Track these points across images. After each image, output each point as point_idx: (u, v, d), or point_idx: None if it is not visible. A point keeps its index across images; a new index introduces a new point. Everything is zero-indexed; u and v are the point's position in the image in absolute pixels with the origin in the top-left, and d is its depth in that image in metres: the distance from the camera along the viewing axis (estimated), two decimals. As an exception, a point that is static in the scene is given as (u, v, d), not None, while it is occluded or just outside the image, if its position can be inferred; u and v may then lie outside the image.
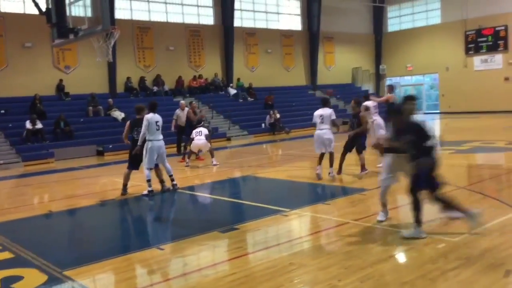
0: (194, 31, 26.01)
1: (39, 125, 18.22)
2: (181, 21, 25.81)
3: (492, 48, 29.17)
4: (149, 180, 9.38)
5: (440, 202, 5.64)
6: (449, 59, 30.97)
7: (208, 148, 13.39)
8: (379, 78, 35.05)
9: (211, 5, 26.86)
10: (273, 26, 29.81)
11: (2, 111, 19.14)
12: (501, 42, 28.81)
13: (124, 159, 10.32)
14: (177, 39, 25.25)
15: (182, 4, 25.89)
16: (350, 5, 32.21)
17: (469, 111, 29.12)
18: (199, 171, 12.99)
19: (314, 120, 9.92)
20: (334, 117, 9.83)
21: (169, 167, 9.74)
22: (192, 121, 14.38)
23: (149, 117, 9.28)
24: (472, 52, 30.08)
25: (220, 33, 26.85)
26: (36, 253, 5.95)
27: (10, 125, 18.52)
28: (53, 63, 21.45)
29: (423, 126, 5.65)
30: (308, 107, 25.68)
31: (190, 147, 13.56)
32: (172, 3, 25.54)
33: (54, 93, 21.41)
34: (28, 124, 18.01)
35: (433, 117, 29.95)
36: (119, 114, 20.80)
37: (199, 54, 26.27)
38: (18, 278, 5.11)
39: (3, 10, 20.26)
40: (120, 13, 23.15)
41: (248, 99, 26.50)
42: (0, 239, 6.76)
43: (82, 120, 20.41)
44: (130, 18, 23.88)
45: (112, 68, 22.41)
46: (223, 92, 26.46)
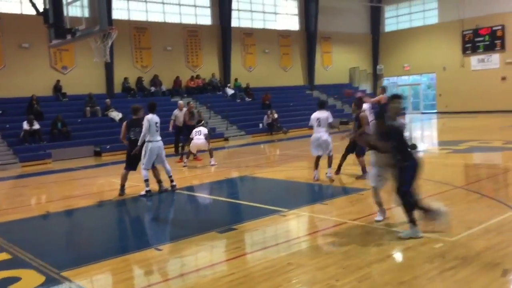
0: (192, 31, 26.00)
1: (36, 125, 18.17)
2: (178, 21, 25.80)
3: (489, 48, 29.24)
4: (146, 180, 9.40)
5: (403, 200, 5.71)
6: (446, 59, 31.02)
7: (207, 147, 13.40)
8: (376, 78, 35.11)
9: (208, 5, 26.85)
10: (270, 26, 29.82)
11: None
12: (498, 42, 28.88)
13: (122, 159, 10.31)
14: (174, 39, 25.24)
15: (179, 4, 25.88)
16: (347, 5, 32.25)
17: (466, 110, 29.18)
18: (197, 171, 12.99)
19: (311, 123, 9.82)
20: (331, 120, 9.81)
21: (168, 168, 9.76)
22: (188, 124, 14.37)
23: (149, 117, 9.30)
24: (469, 51, 30.14)
25: (218, 33, 26.84)
26: (33, 254, 5.94)
27: (8, 125, 18.47)
28: (50, 64, 21.41)
29: (402, 130, 5.78)
30: (305, 107, 25.78)
31: (189, 147, 13.56)
32: (170, 3, 25.52)
33: (51, 93, 21.36)
34: (25, 125, 17.96)
35: (430, 117, 30.05)
36: (116, 115, 20.76)
37: (197, 54, 26.26)
38: (16, 279, 5.11)
39: (0, 11, 20.22)
40: (118, 13, 23.12)
41: (246, 99, 26.50)
42: (-2, 240, 6.75)
43: (79, 120, 20.37)
44: (127, 18, 23.86)
45: (109, 68, 22.39)
46: (221, 92, 26.46)
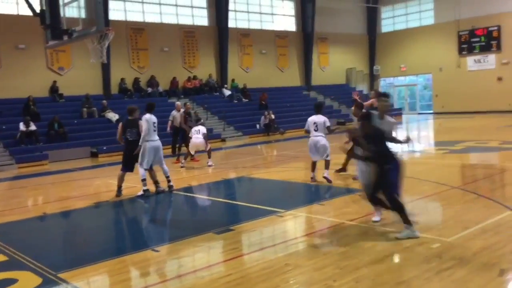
0: (189, 32, 25.98)
1: (32, 126, 18.12)
2: (175, 22, 25.78)
3: (485, 49, 29.34)
4: (144, 180, 9.42)
5: (393, 203, 5.75)
6: (442, 60, 31.11)
7: (206, 147, 13.38)
8: (373, 78, 35.17)
9: (205, 6, 26.83)
10: (267, 27, 29.84)
11: (-4, 113, 19.07)
12: (494, 43, 28.99)
13: (119, 160, 10.29)
14: (171, 40, 25.21)
15: (176, 5, 25.86)
16: (344, 6, 32.29)
17: (462, 111, 29.27)
18: (194, 172, 12.98)
19: (308, 127, 9.67)
20: (328, 124, 9.79)
21: (166, 169, 9.79)
22: (184, 128, 14.38)
23: (147, 117, 9.39)
24: (465, 52, 30.24)
25: (215, 34, 26.84)
26: (30, 255, 5.92)
27: (4, 127, 18.40)
28: (46, 65, 21.36)
29: (385, 133, 5.86)
30: (302, 108, 25.81)
31: (188, 146, 13.55)
32: (166, 4, 25.49)
33: (48, 94, 21.32)
34: (21, 126, 17.90)
35: (426, 117, 30.12)
36: (113, 116, 20.73)
37: (194, 55, 26.24)
38: (13, 281, 5.09)
39: (-4, 12, 20.19)
40: (114, 14, 23.09)
41: (243, 100, 26.50)
42: (-6, 241, 6.72)
43: (76, 121, 20.33)
44: (124, 19, 23.82)
45: (106, 69, 22.35)
46: (218, 93, 26.44)
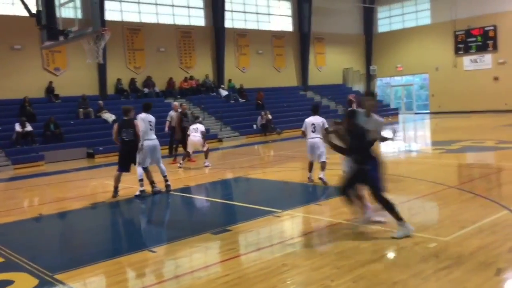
0: (185, 32, 25.95)
1: (28, 127, 18.05)
2: (171, 22, 25.75)
3: (481, 48, 29.43)
4: (141, 180, 9.41)
5: (382, 203, 5.76)
6: (439, 59, 31.18)
7: (203, 147, 13.34)
8: (369, 78, 35.22)
9: (201, 6, 26.81)
10: (264, 27, 29.84)
11: (-8, 114, 18.99)
12: (490, 42, 29.07)
13: (115, 161, 10.26)
14: (167, 40, 25.18)
15: (172, 5, 25.83)
16: (340, 6, 32.32)
17: (459, 110, 29.35)
18: (191, 172, 12.96)
19: (305, 128, 9.59)
20: (326, 125, 9.79)
21: (163, 168, 9.81)
22: (177, 129, 14.38)
23: (142, 116, 9.50)
24: (461, 52, 30.32)
25: (211, 34, 26.81)
26: (26, 257, 5.90)
27: (0, 128, 18.36)
28: (42, 65, 21.29)
29: (367, 131, 5.89)
30: (299, 108, 25.82)
31: (187, 145, 13.53)
32: (163, 4, 25.46)
33: (44, 95, 21.25)
34: (17, 127, 17.84)
35: (423, 117, 30.19)
36: (109, 116, 20.68)
37: (190, 55, 26.22)
38: (9, 283, 5.07)
39: (-9, 12, 20.11)
40: (110, 14, 23.03)
41: (240, 100, 26.49)
42: (-10, 243, 6.69)
43: (72, 122, 20.27)
44: (120, 19, 23.78)
45: (102, 70, 22.30)
46: (215, 93, 26.42)
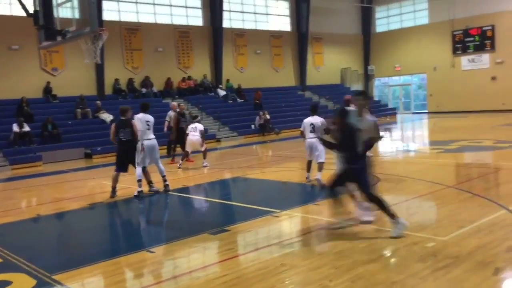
0: (183, 32, 25.93)
1: (26, 128, 18.02)
2: (169, 22, 25.72)
3: (479, 48, 29.48)
4: (139, 180, 9.41)
5: (373, 201, 5.80)
6: (436, 59, 31.23)
7: (202, 147, 13.33)
8: (367, 78, 35.24)
9: (199, 6, 26.80)
10: (262, 27, 29.84)
11: (-11, 114, 18.93)
12: (488, 42, 29.12)
13: (113, 161, 10.25)
14: (165, 40, 25.16)
15: (170, 5, 25.80)
16: (338, 6, 32.35)
17: (457, 110, 29.41)
18: (189, 172, 12.94)
19: (304, 128, 9.56)
20: (325, 126, 9.77)
21: (162, 168, 9.81)
22: (179, 128, 14.35)
23: (139, 116, 9.53)
24: (459, 52, 30.37)
25: (209, 34, 26.80)
26: (24, 257, 5.88)
27: (-3, 128, 18.34)
28: (40, 66, 21.25)
29: (357, 130, 5.93)
30: (297, 108, 25.82)
31: (185, 144, 13.52)
32: (160, 4, 25.43)
33: (42, 95, 21.21)
34: (15, 127, 17.80)
35: (421, 117, 30.23)
36: (107, 116, 20.65)
37: (188, 55, 26.20)
38: (7, 283, 5.05)
39: (-11, 12, 20.05)
40: (108, 14, 23.01)
41: (238, 100, 26.48)
42: (-12, 243, 6.67)
43: (70, 122, 20.24)
44: (118, 19, 23.74)
45: (100, 70, 22.27)
46: (213, 93, 26.41)
